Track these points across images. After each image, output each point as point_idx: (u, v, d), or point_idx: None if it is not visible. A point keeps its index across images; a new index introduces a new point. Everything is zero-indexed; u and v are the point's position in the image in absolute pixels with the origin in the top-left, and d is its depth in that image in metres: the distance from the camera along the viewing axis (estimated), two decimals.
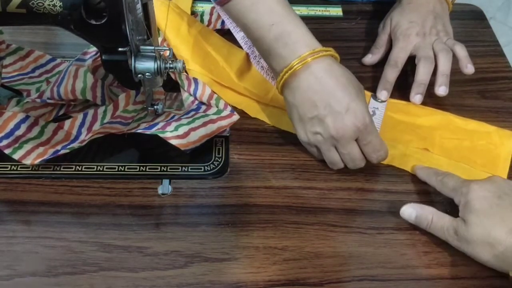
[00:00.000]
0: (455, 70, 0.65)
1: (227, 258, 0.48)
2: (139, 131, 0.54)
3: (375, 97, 0.63)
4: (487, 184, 0.48)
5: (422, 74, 0.62)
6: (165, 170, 0.55)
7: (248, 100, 0.62)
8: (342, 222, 0.52)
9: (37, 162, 0.52)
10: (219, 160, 0.56)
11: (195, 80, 0.60)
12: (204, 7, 0.73)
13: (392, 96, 0.63)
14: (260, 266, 0.48)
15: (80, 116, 0.56)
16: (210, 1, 0.72)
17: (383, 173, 0.56)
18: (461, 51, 0.63)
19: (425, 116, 0.61)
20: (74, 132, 0.56)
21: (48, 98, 0.57)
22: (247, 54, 0.66)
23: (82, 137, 0.55)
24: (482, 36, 0.73)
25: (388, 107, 0.62)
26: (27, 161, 0.52)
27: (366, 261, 0.49)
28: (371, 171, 0.56)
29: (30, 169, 0.53)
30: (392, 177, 0.56)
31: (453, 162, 0.57)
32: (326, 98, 0.51)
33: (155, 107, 0.56)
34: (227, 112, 0.58)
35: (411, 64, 0.64)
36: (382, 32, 0.68)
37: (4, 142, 0.52)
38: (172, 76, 0.60)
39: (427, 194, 0.54)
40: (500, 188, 0.48)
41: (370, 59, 0.68)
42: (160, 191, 0.53)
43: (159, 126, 0.54)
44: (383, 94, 0.62)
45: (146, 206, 0.52)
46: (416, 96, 0.62)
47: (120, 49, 0.47)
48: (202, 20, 0.71)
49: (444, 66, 0.62)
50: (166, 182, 0.54)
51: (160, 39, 0.66)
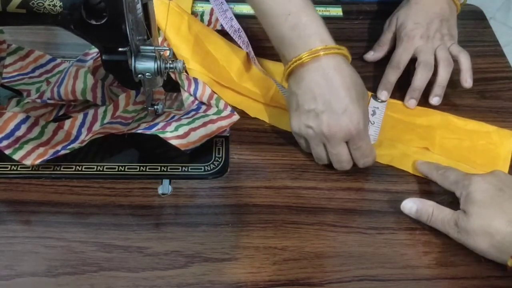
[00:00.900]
0: (456, 70, 0.65)
1: (227, 258, 0.48)
2: (139, 131, 0.54)
3: (375, 97, 0.63)
4: (489, 177, 0.49)
5: (419, 80, 0.62)
6: (165, 170, 0.55)
7: (248, 100, 0.62)
8: (342, 222, 0.52)
9: (37, 162, 0.52)
10: (219, 160, 0.56)
11: (195, 80, 0.60)
12: (204, 7, 0.73)
13: (392, 96, 0.63)
14: (260, 266, 0.48)
15: (80, 116, 0.56)
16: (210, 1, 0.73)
17: (383, 173, 0.56)
18: (464, 62, 0.62)
19: (425, 116, 0.61)
20: (74, 132, 0.56)
21: (48, 98, 0.57)
22: (247, 54, 0.66)
23: (82, 137, 0.55)
24: (482, 36, 0.73)
25: (388, 107, 0.62)
26: (28, 161, 0.52)
27: (366, 261, 0.49)
28: (371, 171, 0.56)
29: (30, 169, 0.53)
30: (392, 177, 0.56)
31: (453, 161, 0.57)
32: (328, 94, 0.51)
33: (155, 107, 0.56)
34: (227, 112, 0.58)
35: (413, 64, 0.64)
36: (387, 30, 0.68)
37: (5, 143, 0.52)
38: (172, 76, 0.60)
39: (428, 194, 0.54)
40: (502, 181, 0.48)
41: (372, 56, 0.68)
42: (160, 191, 0.53)
43: (159, 126, 0.54)
44: (383, 94, 0.62)
45: (146, 206, 0.52)
46: (411, 101, 0.62)
47: (120, 49, 0.47)
48: (202, 20, 0.71)
49: (442, 77, 0.62)
50: (166, 182, 0.54)
51: (160, 39, 0.66)
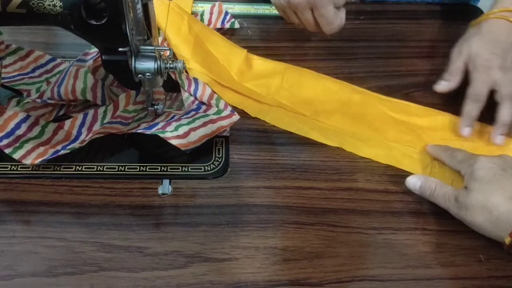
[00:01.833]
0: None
1: (227, 258, 0.48)
2: (139, 131, 0.54)
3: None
4: (495, 158, 0.51)
5: (507, 115, 0.58)
6: (165, 170, 0.55)
7: (248, 100, 0.62)
8: (342, 222, 0.52)
9: (37, 162, 0.52)
10: (219, 160, 0.56)
11: (195, 80, 0.60)
12: (204, 7, 0.73)
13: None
14: (260, 266, 0.48)
15: (80, 116, 0.56)
16: (210, 1, 0.73)
17: (383, 173, 0.56)
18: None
19: (426, 116, 0.61)
20: (74, 132, 0.56)
21: (48, 98, 0.57)
22: (248, 54, 0.66)
23: (82, 137, 0.55)
24: None
25: (389, 107, 0.62)
26: (27, 160, 0.52)
27: (366, 261, 0.49)
28: (371, 171, 0.56)
29: (30, 169, 0.53)
30: (392, 177, 0.56)
31: None
32: None
33: (155, 107, 0.56)
34: (227, 112, 0.58)
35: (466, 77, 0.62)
36: (458, 59, 0.61)
37: (5, 142, 0.52)
38: (172, 76, 0.60)
39: None
40: (507, 163, 0.50)
41: (446, 86, 0.62)
42: (160, 191, 0.53)
43: (159, 126, 0.54)
44: (466, 131, 0.59)
45: (146, 206, 0.52)
46: (499, 137, 0.58)
47: (120, 49, 0.47)
48: (202, 20, 0.71)
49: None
50: (166, 182, 0.54)
51: (160, 39, 0.66)
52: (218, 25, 0.71)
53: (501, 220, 0.46)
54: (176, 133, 0.53)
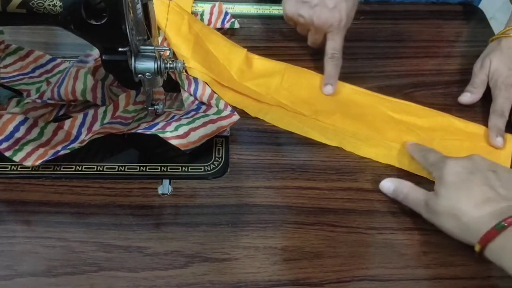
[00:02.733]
0: (457, 70, 0.65)
1: (227, 258, 0.48)
2: (139, 131, 0.54)
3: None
4: (464, 161, 0.50)
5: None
6: (165, 170, 0.55)
7: (248, 99, 0.62)
8: (342, 222, 0.52)
9: (37, 163, 0.52)
10: (219, 160, 0.56)
11: (195, 80, 0.60)
12: (204, 7, 0.73)
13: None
14: (260, 266, 0.48)
15: (80, 116, 0.56)
16: (210, 1, 0.73)
17: (383, 173, 0.56)
18: None
19: (426, 117, 0.61)
20: (74, 132, 0.56)
21: (48, 99, 0.57)
22: (248, 53, 0.66)
23: (82, 137, 0.55)
24: (482, 36, 0.73)
25: (389, 107, 0.62)
26: (28, 162, 0.52)
27: (366, 261, 0.49)
28: (371, 171, 0.56)
29: (30, 169, 0.53)
30: (392, 177, 0.56)
31: None
32: None
33: (155, 107, 0.56)
34: (227, 112, 0.58)
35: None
36: (480, 72, 0.65)
37: (4, 145, 0.52)
38: (172, 76, 0.60)
39: None
40: (475, 165, 0.49)
41: (469, 98, 0.64)
42: (160, 191, 0.53)
43: (159, 126, 0.54)
44: (499, 141, 0.59)
45: (146, 206, 0.52)
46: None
47: (120, 49, 0.47)
48: (202, 20, 0.71)
49: None
50: (166, 182, 0.54)
51: (160, 39, 0.66)
52: (218, 25, 0.71)
53: (470, 227, 0.46)
54: (176, 133, 0.53)
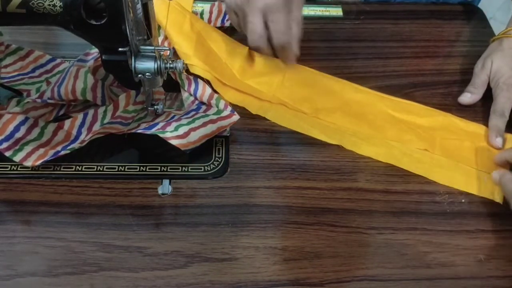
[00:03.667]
0: (457, 70, 0.65)
1: (227, 258, 0.48)
2: (139, 131, 0.54)
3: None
4: None
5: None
6: (165, 170, 0.55)
7: (249, 97, 0.62)
8: (342, 222, 0.52)
9: (38, 163, 0.52)
10: (219, 160, 0.56)
11: (195, 80, 0.60)
12: (204, 7, 0.73)
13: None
14: (260, 266, 0.48)
15: (80, 116, 0.56)
16: (210, 1, 0.73)
17: (383, 173, 0.56)
18: None
19: (426, 116, 0.61)
20: (74, 132, 0.56)
21: (48, 98, 0.57)
22: (249, 51, 0.66)
23: (82, 137, 0.55)
24: (482, 36, 0.73)
25: (389, 106, 0.62)
26: (28, 163, 0.52)
27: (366, 261, 0.49)
28: (371, 171, 0.56)
29: (30, 169, 0.53)
30: (392, 177, 0.56)
31: (453, 162, 0.57)
32: None
33: (155, 107, 0.56)
34: (227, 112, 0.58)
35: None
36: (481, 72, 0.64)
37: (4, 145, 0.52)
38: (172, 76, 0.60)
39: (427, 194, 0.54)
40: None
41: (469, 98, 0.64)
42: (160, 191, 0.53)
43: (159, 126, 0.54)
44: (498, 141, 0.59)
45: (146, 206, 0.52)
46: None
47: (120, 49, 0.47)
48: (202, 19, 0.71)
49: None
50: (166, 182, 0.54)
51: (161, 38, 0.66)
52: (218, 23, 0.71)
53: None
54: (176, 133, 0.53)
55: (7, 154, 0.52)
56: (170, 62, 0.50)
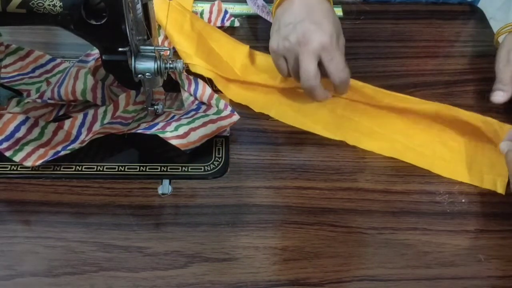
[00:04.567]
0: (457, 70, 0.65)
1: (227, 258, 0.48)
2: (139, 131, 0.54)
3: None
4: None
5: None
6: (165, 170, 0.55)
7: (252, 95, 0.63)
8: (342, 222, 0.52)
9: (38, 163, 0.52)
10: (219, 160, 0.56)
11: (196, 80, 0.60)
12: (204, 7, 0.73)
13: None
14: (260, 266, 0.48)
15: (80, 116, 0.56)
16: (210, 1, 0.73)
17: (383, 173, 0.56)
18: None
19: (429, 104, 0.61)
20: (74, 132, 0.56)
21: (48, 98, 0.57)
22: (250, 49, 0.66)
23: (82, 137, 0.55)
24: (482, 36, 0.73)
25: (393, 100, 0.62)
26: (28, 163, 0.52)
27: (366, 261, 0.49)
28: (371, 171, 0.56)
29: (30, 169, 0.53)
30: (392, 177, 0.56)
31: (456, 155, 0.57)
32: (306, 12, 0.56)
33: (155, 107, 0.56)
34: (227, 112, 0.58)
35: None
36: (506, 68, 0.62)
37: (5, 145, 0.52)
38: (172, 76, 0.60)
39: (427, 194, 0.54)
40: None
41: (502, 97, 0.61)
42: (160, 191, 0.53)
43: (159, 126, 0.54)
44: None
45: (146, 206, 0.52)
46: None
47: (120, 49, 0.47)
48: (202, 18, 0.71)
49: None
50: (166, 182, 0.54)
51: (161, 38, 0.67)
52: (218, 23, 0.71)
53: None
54: (176, 133, 0.53)
55: (7, 154, 0.52)
56: (170, 62, 0.50)
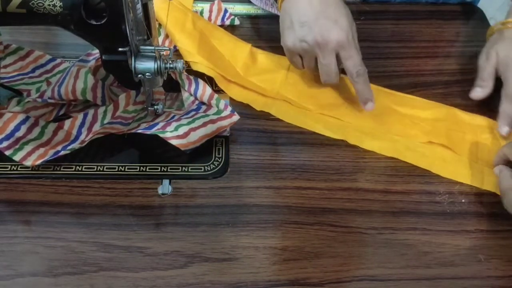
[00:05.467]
0: (457, 70, 0.65)
1: (227, 258, 0.48)
2: (139, 131, 0.54)
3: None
4: None
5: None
6: (165, 170, 0.55)
7: (254, 94, 0.63)
8: (342, 222, 0.52)
9: (37, 163, 0.52)
10: (219, 160, 0.56)
11: (196, 80, 0.60)
12: (204, 6, 0.73)
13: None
14: (260, 266, 0.48)
15: (80, 116, 0.56)
16: (210, 0, 0.73)
17: (383, 173, 0.56)
18: None
19: (430, 109, 0.61)
20: (74, 132, 0.56)
21: (49, 98, 0.57)
22: (252, 48, 0.66)
23: (82, 137, 0.55)
24: (482, 36, 0.72)
25: (394, 101, 0.62)
26: (28, 162, 0.52)
27: (366, 261, 0.49)
28: (371, 171, 0.56)
29: (30, 169, 0.53)
30: (392, 177, 0.56)
31: (456, 156, 0.57)
32: (320, 9, 0.56)
33: (155, 107, 0.56)
34: (227, 112, 0.58)
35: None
36: (487, 64, 0.62)
37: (5, 144, 0.52)
38: (173, 76, 0.60)
39: (427, 194, 0.54)
40: None
41: (480, 93, 0.62)
42: (160, 191, 0.53)
43: (159, 126, 0.54)
44: (505, 130, 0.59)
45: (146, 206, 0.52)
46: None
47: (120, 49, 0.47)
48: (203, 17, 0.72)
49: None
50: (166, 182, 0.54)
51: (162, 38, 0.67)
52: (218, 22, 0.71)
53: None
54: (176, 133, 0.53)
55: (7, 153, 0.52)
56: (170, 62, 0.50)
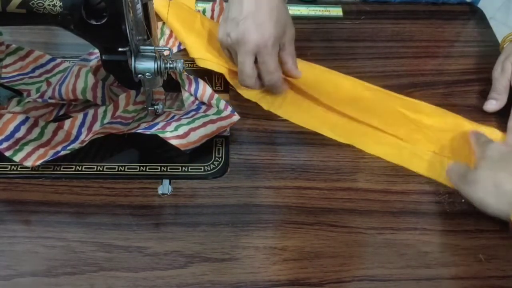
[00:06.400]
0: (457, 70, 0.65)
1: (227, 258, 0.48)
2: (139, 131, 0.54)
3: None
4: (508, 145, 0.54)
5: None
6: (165, 170, 0.55)
7: (262, 93, 0.63)
8: (342, 222, 0.52)
9: (38, 163, 0.52)
10: (219, 160, 0.56)
11: (196, 79, 0.60)
12: (205, 6, 0.73)
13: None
14: (260, 266, 0.48)
15: (80, 116, 0.56)
16: (211, 0, 0.73)
17: (383, 173, 0.56)
18: None
19: (435, 117, 0.61)
20: (74, 132, 0.56)
21: (49, 97, 0.57)
22: None
23: (82, 137, 0.55)
24: (482, 36, 0.73)
25: (399, 104, 0.62)
26: (28, 163, 0.52)
27: (366, 261, 0.49)
28: (371, 171, 0.56)
29: (30, 169, 0.53)
30: (392, 177, 0.56)
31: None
32: (253, 7, 0.55)
33: (155, 107, 0.56)
34: (227, 112, 0.58)
35: None
36: (501, 77, 0.63)
37: (5, 145, 0.52)
38: (173, 76, 0.60)
39: (427, 194, 0.54)
40: None
41: (495, 105, 0.62)
42: (160, 191, 0.53)
43: (159, 126, 0.54)
44: None
45: (146, 206, 0.52)
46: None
47: (120, 49, 0.47)
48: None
49: None
50: (166, 182, 0.54)
51: (165, 37, 0.67)
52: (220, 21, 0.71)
53: (507, 195, 0.47)
54: (176, 133, 0.53)
55: (7, 154, 0.52)
56: (170, 62, 0.50)
